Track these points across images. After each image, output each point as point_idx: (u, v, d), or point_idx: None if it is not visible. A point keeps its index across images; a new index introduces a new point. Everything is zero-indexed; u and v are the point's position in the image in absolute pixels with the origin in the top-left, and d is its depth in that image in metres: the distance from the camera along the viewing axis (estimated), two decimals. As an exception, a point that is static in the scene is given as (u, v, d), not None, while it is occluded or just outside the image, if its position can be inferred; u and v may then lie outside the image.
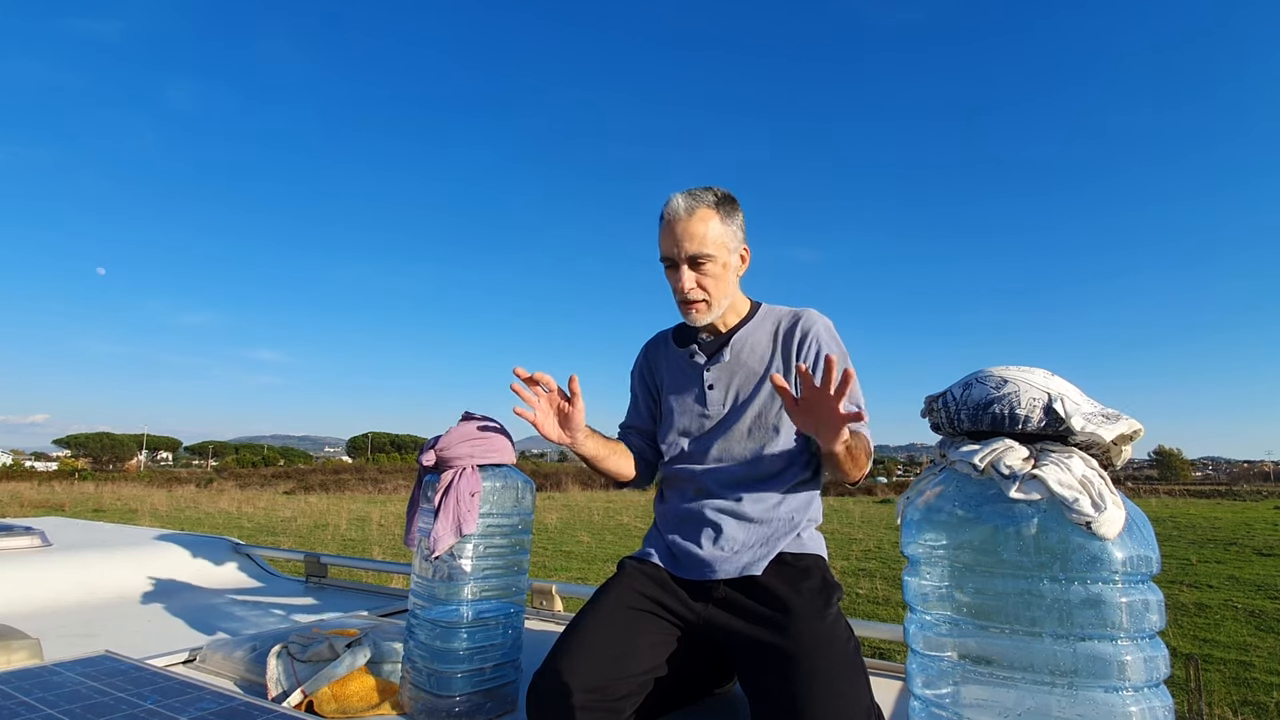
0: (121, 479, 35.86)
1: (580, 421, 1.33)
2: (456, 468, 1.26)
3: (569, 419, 1.32)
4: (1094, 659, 0.62)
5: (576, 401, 1.31)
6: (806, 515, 1.36)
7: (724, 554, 1.29)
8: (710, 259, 1.33)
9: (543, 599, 2.00)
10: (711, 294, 1.36)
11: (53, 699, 1.09)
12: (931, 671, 0.69)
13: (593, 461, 1.41)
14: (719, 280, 1.36)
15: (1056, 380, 0.73)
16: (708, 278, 1.35)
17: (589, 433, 1.37)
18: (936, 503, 0.71)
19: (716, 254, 1.34)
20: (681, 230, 1.33)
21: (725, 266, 1.36)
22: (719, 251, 1.34)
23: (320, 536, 11.13)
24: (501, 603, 1.28)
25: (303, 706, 1.23)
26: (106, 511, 15.79)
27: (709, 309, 1.37)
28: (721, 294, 1.37)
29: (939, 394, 0.78)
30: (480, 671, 1.23)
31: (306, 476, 34.73)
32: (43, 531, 2.39)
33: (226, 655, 1.44)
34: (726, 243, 1.36)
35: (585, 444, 1.36)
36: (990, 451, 0.68)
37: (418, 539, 1.30)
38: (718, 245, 1.34)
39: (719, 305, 1.38)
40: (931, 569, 0.70)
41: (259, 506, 17.78)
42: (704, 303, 1.36)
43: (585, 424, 1.35)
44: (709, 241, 1.33)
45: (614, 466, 1.43)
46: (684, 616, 1.27)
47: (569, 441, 1.34)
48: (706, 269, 1.34)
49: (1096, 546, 0.62)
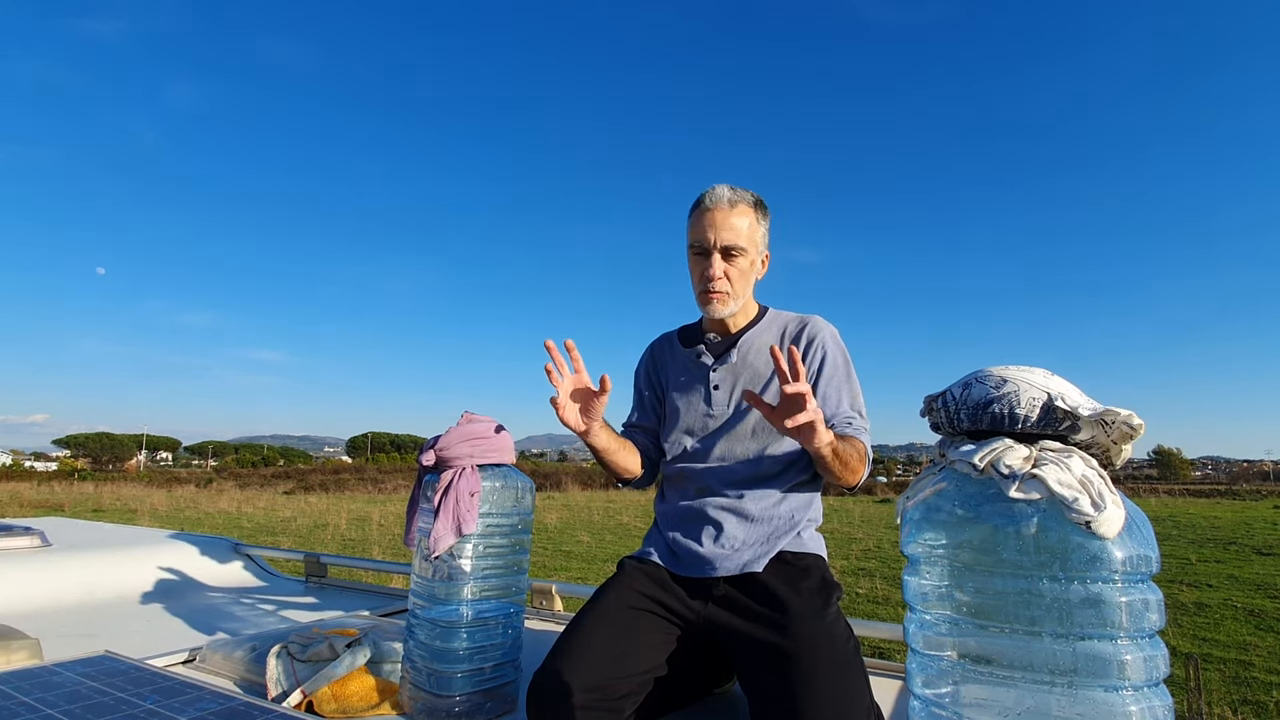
0: (121, 479, 35.85)
1: (600, 413, 1.35)
2: (456, 467, 1.26)
3: (589, 410, 1.33)
4: (1094, 658, 0.62)
5: (603, 396, 1.32)
6: (807, 515, 1.36)
7: (724, 551, 1.30)
8: (743, 253, 1.38)
9: (543, 599, 2.01)
10: (735, 287, 1.40)
11: (53, 699, 1.09)
12: (931, 671, 0.69)
13: (602, 454, 1.42)
14: (744, 276, 1.41)
15: (1056, 380, 0.73)
16: (735, 270, 1.39)
17: (604, 424, 1.38)
18: (936, 502, 0.71)
19: (748, 249, 1.39)
20: (721, 219, 1.37)
21: (752, 265, 1.41)
22: (750, 248, 1.39)
23: (320, 536, 11.12)
24: (501, 603, 1.28)
25: (303, 706, 1.23)
26: (106, 511, 15.79)
27: (730, 301, 1.40)
28: (743, 290, 1.41)
29: (938, 394, 0.78)
30: (480, 671, 1.23)
31: (306, 476, 34.73)
32: (42, 531, 2.39)
33: (226, 655, 1.44)
34: (757, 242, 1.41)
35: (599, 435, 1.37)
36: (990, 451, 0.68)
37: (417, 539, 1.30)
38: (751, 241, 1.39)
39: (738, 301, 1.42)
40: (931, 568, 0.70)
41: (259, 506, 17.78)
42: (727, 294, 1.39)
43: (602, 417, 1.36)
44: (744, 235, 1.38)
45: (622, 461, 1.45)
46: (684, 615, 1.27)
47: (584, 429, 1.34)
48: (737, 262, 1.39)
49: (1096, 546, 0.62)
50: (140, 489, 25.89)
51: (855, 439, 1.29)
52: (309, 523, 13.29)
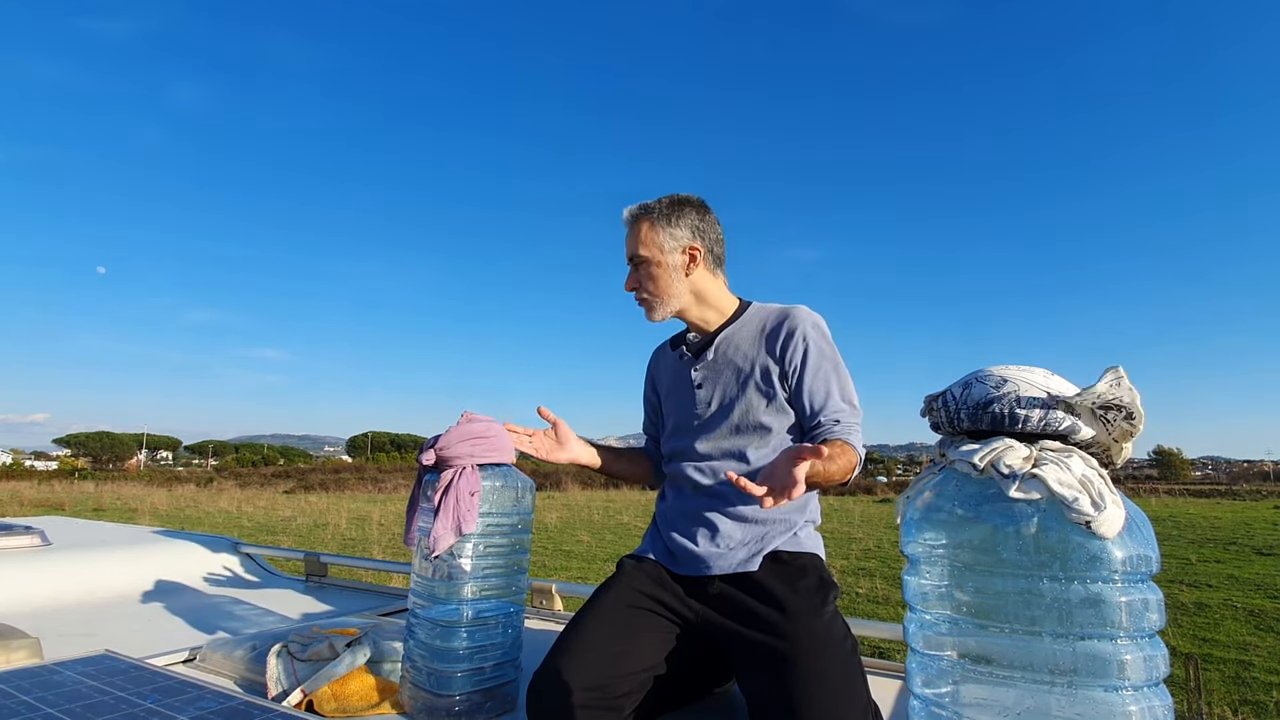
0: (121, 478, 35.86)
1: (570, 436, 1.49)
2: (456, 467, 1.26)
3: (559, 440, 1.48)
4: (1093, 658, 0.62)
5: (556, 423, 1.46)
6: (804, 515, 1.36)
7: (719, 550, 1.30)
8: (644, 260, 1.44)
9: (543, 598, 2.01)
10: (650, 292, 1.44)
11: (53, 698, 1.09)
12: (931, 670, 0.69)
13: (600, 470, 1.55)
14: (656, 279, 1.44)
15: (1056, 379, 0.73)
16: (645, 276, 1.44)
17: (585, 444, 1.53)
18: (936, 502, 0.71)
19: (649, 255, 1.43)
20: (627, 236, 1.47)
21: (660, 266, 1.44)
22: (653, 252, 1.43)
23: (320, 536, 11.13)
24: (501, 602, 1.28)
25: (302, 706, 1.23)
26: (106, 511, 15.80)
27: (656, 305, 1.45)
28: (661, 292, 1.44)
29: (939, 393, 0.78)
30: (480, 671, 1.23)
31: (306, 476, 34.72)
32: (43, 531, 2.39)
33: (226, 654, 1.44)
34: (661, 244, 1.44)
35: (582, 455, 1.51)
36: (990, 451, 0.68)
37: (417, 538, 1.30)
38: (651, 246, 1.44)
39: (664, 302, 1.45)
40: (931, 568, 0.70)
41: (259, 506, 17.78)
42: (646, 300, 1.45)
43: (576, 437, 1.51)
44: (642, 243, 1.44)
45: (621, 470, 1.58)
46: (683, 615, 1.27)
47: (571, 458, 1.49)
48: (643, 269, 1.45)
49: (1096, 546, 0.62)
50: (140, 488, 25.89)
51: (842, 443, 1.24)
52: (309, 522, 13.29)
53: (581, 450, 1.51)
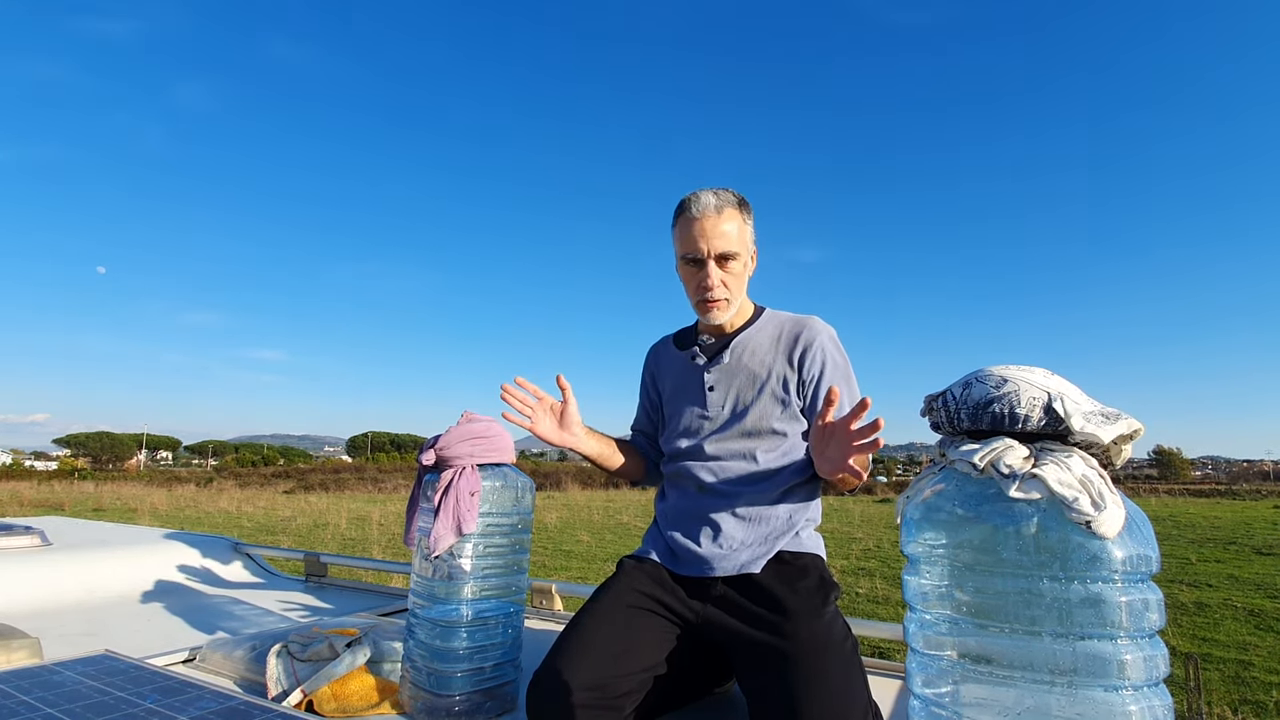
0: (121, 478, 35.84)
1: (576, 419, 1.40)
2: (456, 467, 1.26)
3: (565, 418, 1.39)
4: (1093, 658, 0.61)
5: (568, 398, 1.38)
6: (805, 515, 1.36)
7: (722, 551, 1.30)
8: (736, 257, 1.37)
9: (543, 598, 2.01)
10: (733, 292, 1.40)
11: (53, 698, 1.09)
12: (931, 670, 0.69)
13: (595, 460, 1.48)
14: (739, 279, 1.41)
15: (1056, 379, 0.73)
16: (731, 276, 1.39)
17: (589, 431, 1.45)
18: (936, 502, 0.71)
19: (740, 252, 1.38)
20: (711, 227, 1.35)
21: (745, 267, 1.41)
22: (743, 250, 1.39)
23: (320, 536, 11.12)
24: (501, 602, 1.28)
25: (302, 706, 1.23)
26: (106, 511, 15.79)
27: (729, 307, 1.40)
28: (739, 293, 1.42)
29: (939, 393, 0.78)
30: (480, 671, 1.23)
31: (306, 476, 34.71)
32: (42, 531, 2.39)
33: (226, 654, 1.44)
34: (748, 243, 1.41)
35: (585, 442, 1.43)
36: (990, 451, 0.68)
37: (417, 538, 1.30)
38: (742, 244, 1.38)
39: (736, 305, 1.42)
40: (931, 568, 0.70)
41: (259, 506, 17.77)
42: (726, 300, 1.39)
43: (582, 422, 1.42)
44: (735, 239, 1.37)
45: (617, 464, 1.51)
46: (683, 615, 1.27)
47: (569, 442, 1.40)
48: (731, 267, 1.38)
49: (1096, 545, 0.62)
50: (140, 488, 25.88)
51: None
52: (309, 522, 13.28)
53: (584, 436, 1.42)
